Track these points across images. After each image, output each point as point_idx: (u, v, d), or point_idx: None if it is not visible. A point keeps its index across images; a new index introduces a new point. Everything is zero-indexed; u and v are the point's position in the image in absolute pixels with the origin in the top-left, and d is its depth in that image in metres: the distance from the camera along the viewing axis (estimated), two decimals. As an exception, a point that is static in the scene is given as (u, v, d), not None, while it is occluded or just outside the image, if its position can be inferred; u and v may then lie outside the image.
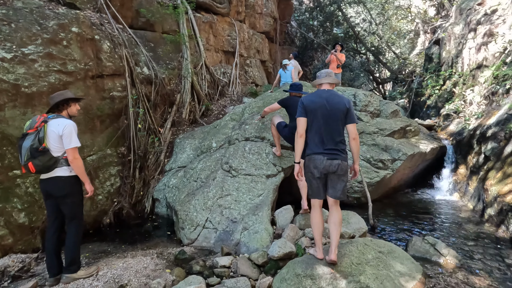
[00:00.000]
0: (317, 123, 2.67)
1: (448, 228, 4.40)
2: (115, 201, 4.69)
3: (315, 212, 2.69)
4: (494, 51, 7.00)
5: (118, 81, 4.99)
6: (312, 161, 2.64)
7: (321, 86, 2.83)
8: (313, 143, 2.68)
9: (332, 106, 2.65)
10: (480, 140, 5.58)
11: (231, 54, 9.94)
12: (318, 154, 2.62)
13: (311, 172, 2.64)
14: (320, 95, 2.72)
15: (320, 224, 2.69)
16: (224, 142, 4.86)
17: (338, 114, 2.66)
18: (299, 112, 2.72)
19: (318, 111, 2.65)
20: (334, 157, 2.61)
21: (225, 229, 3.58)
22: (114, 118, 4.91)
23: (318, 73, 2.87)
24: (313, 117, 2.67)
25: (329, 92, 2.75)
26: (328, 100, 2.67)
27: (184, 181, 4.60)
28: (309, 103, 2.69)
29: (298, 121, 2.72)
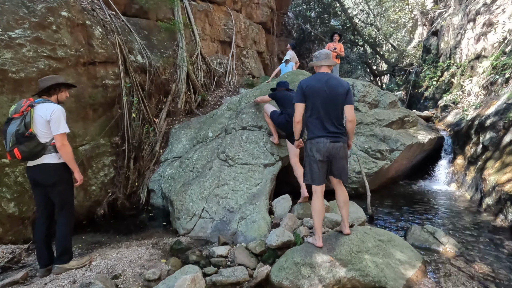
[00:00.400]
0: (317, 107, 2.62)
1: (446, 218, 4.38)
2: (109, 192, 4.59)
3: (317, 199, 2.64)
4: (493, 41, 6.94)
5: (111, 69, 4.84)
6: (315, 144, 2.60)
7: (320, 68, 2.76)
8: (315, 127, 2.64)
9: (332, 90, 2.62)
10: (479, 130, 5.55)
11: (227, 44, 9.76)
12: (321, 137, 2.59)
13: (313, 155, 2.60)
14: (319, 79, 2.66)
15: (321, 211, 2.64)
16: (221, 131, 4.77)
17: (338, 98, 2.64)
18: (298, 97, 2.67)
19: (319, 96, 2.61)
20: (336, 140, 2.60)
21: (222, 219, 3.51)
22: (107, 107, 4.77)
23: (316, 54, 2.77)
24: (313, 102, 2.63)
25: (328, 76, 2.69)
26: (328, 84, 2.63)
27: (180, 171, 4.51)
28: (309, 87, 2.63)
29: (296, 107, 2.68)
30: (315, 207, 2.63)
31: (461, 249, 3.15)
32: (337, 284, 2.40)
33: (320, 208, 2.62)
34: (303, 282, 2.38)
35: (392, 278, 2.42)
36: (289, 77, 4.85)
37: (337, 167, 2.66)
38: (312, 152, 2.61)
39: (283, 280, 2.43)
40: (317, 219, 2.63)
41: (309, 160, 2.66)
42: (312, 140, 2.64)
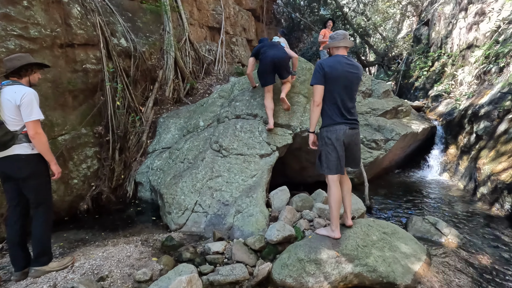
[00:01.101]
0: (338, 91, 2.49)
1: (442, 208, 4.35)
2: (92, 185, 4.28)
3: (335, 188, 2.51)
4: (485, 30, 6.91)
5: (92, 52, 4.45)
6: (333, 132, 2.47)
7: (337, 50, 2.59)
8: (333, 113, 2.51)
9: (351, 75, 2.52)
10: (472, 120, 5.54)
11: (217, 31, 9.36)
12: (340, 124, 2.48)
13: (332, 144, 2.46)
14: (340, 61, 2.52)
15: (340, 201, 2.54)
16: (213, 120, 4.51)
17: (356, 83, 2.56)
18: (317, 78, 2.50)
19: (340, 79, 2.47)
20: (354, 126, 2.54)
21: (217, 213, 3.31)
22: (89, 94, 4.40)
23: (333, 34, 2.60)
24: (333, 85, 2.48)
25: (348, 59, 2.57)
26: (348, 68, 2.51)
27: (170, 162, 4.24)
28: (331, 70, 2.47)
29: (316, 89, 2.51)
30: (333, 198, 2.50)
31: (463, 240, 3.09)
32: (343, 280, 2.26)
33: (339, 197, 2.52)
34: (307, 280, 2.23)
35: (400, 273, 2.30)
36: (284, 63, 4.61)
37: (353, 155, 2.60)
38: (331, 140, 2.47)
39: (286, 278, 2.26)
40: (335, 208, 2.50)
41: (326, 148, 2.51)
42: (330, 127, 2.50)
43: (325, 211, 3.15)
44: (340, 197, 2.50)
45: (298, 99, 4.09)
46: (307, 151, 4.12)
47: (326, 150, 2.52)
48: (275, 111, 3.93)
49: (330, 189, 2.51)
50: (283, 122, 3.86)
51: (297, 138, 3.86)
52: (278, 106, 3.97)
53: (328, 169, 2.51)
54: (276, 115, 3.92)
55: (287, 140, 3.75)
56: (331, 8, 16.79)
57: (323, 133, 2.56)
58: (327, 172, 2.52)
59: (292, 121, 3.87)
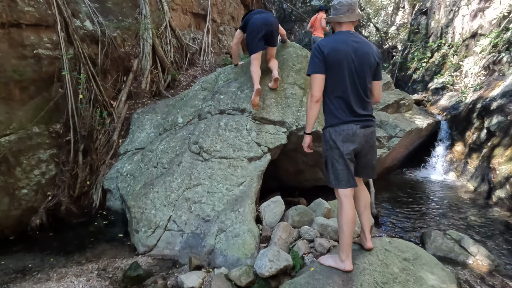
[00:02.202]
0: (343, 80, 1.87)
1: (455, 215, 3.83)
2: (48, 195, 3.58)
3: (348, 206, 1.90)
4: (491, 17, 6.41)
5: (47, 35, 3.71)
6: (340, 133, 1.87)
7: (341, 26, 1.96)
8: (339, 108, 1.90)
9: (361, 57, 1.88)
10: (482, 114, 5.04)
11: (202, 18, 8.60)
12: (348, 123, 1.88)
13: (338, 148, 1.86)
14: (345, 40, 1.89)
15: (354, 223, 1.91)
16: (193, 116, 3.85)
17: (368, 68, 1.91)
18: (315, 65, 1.89)
19: (344, 64, 1.86)
20: (367, 124, 1.93)
21: (195, 232, 2.68)
22: (43, 85, 3.68)
23: (335, 4, 1.94)
24: (337, 73, 1.87)
25: (356, 36, 1.93)
26: (356, 49, 1.88)
27: (142, 167, 3.58)
28: (332, 52, 1.85)
29: (314, 79, 1.90)
30: (346, 217, 1.89)
31: (495, 261, 2.55)
32: (359, 333, 1.68)
33: (353, 217, 1.90)
34: (311, 335, 1.64)
35: (433, 320, 1.73)
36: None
37: (366, 160, 2.00)
38: (337, 143, 1.88)
39: (282, 332, 1.67)
40: (347, 232, 1.89)
41: (332, 155, 1.92)
42: (336, 128, 1.89)
43: (328, 228, 2.57)
44: (354, 218, 1.90)
45: (293, 91, 3.47)
46: (305, 152, 3.50)
47: (332, 156, 1.92)
48: (266, 105, 3.31)
49: (341, 207, 1.91)
50: (276, 118, 3.24)
51: (293, 137, 3.25)
52: (270, 100, 3.34)
53: (337, 181, 1.91)
54: (268, 110, 3.30)
55: (281, 140, 3.14)
56: (323, -2, 16.14)
57: (326, 135, 1.96)
58: (335, 185, 1.93)
59: (287, 117, 3.25)
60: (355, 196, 2.01)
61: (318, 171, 3.79)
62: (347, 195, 1.89)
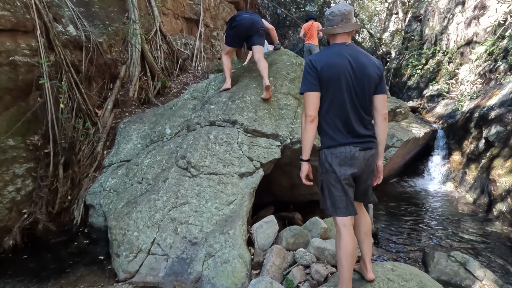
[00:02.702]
0: (339, 97, 1.69)
1: (455, 230, 3.69)
2: (24, 213, 3.32)
3: (347, 236, 1.71)
4: (486, 25, 6.38)
5: (25, 41, 3.47)
6: (337, 156, 1.70)
7: (335, 38, 1.78)
8: (335, 129, 1.72)
9: (359, 70, 1.70)
10: (480, 124, 4.94)
11: (194, 23, 8.43)
12: (345, 146, 1.70)
13: (335, 172, 1.68)
14: (340, 53, 1.71)
15: (354, 255, 1.71)
16: (182, 127, 3.64)
17: (368, 83, 1.71)
18: (308, 82, 1.71)
19: (341, 79, 1.68)
20: (368, 146, 1.74)
21: (181, 256, 2.46)
22: (20, 95, 3.43)
23: (328, 15, 1.77)
24: (333, 88, 1.69)
25: (352, 49, 1.74)
26: (353, 62, 1.70)
27: (126, 181, 3.35)
28: (327, 67, 1.68)
29: (307, 98, 1.72)
30: (344, 250, 1.69)
31: (503, 287, 2.39)
32: None
33: (352, 249, 1.69)
34: None
35: None
36: (269, 57, 3.81)
37: (366, 186, 1.81)
38: (333, 167, 1.69)
39: None
40: (346, 266, 1.69)
41: (328, 179, 1.74)
42: (332, 150, 1.72)
43: (325, 251, 2.38)
44: (355, 250, 1.71)
45: (287, 101, 3.29)
46: (299, 166, 3.32)
47: (328, 180, 1.73)
48: (259, 117, 3.13)
49: (339, 237, 1.72)
50: (269, 131, 3.06)
51: (287, 151, 3.06)
52: (263, 111, 3.16)
53: (334, 209, 1.72)
54: (260, 122, 3.11)
55: (274, 155, 2.95)
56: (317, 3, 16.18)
57: (322, 157, 1.77)
58: (332, 212, 1.74)
59: (280, 130, 3.07)
60: (355, 223, 1.83)
61: (313, 186, 3.60)
62: (346, 224, 1.70)
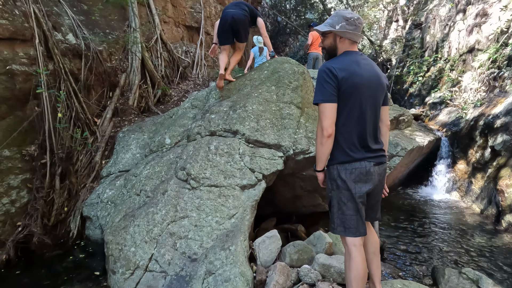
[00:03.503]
0: (358, 109, 1.61)
1: (464, 242, 3.57)
2: (18, 226, 3.21)
3: (358, 258, 1.61)
4: (488, 32, 6.34)
5: (23, 50, 3.43)
6: (352, 172, 1.61)
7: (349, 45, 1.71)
8: (350, 143, 1.63)
9: (374, 81, 1.64)
10: (486, 132, 4.85)
11: (195, 31, 8.44)
12: (360, 161, 1.61)
13: (348, 189, 1.60)
14: (358, 62, 1.63)
15: (365, 278, 1.63)
16: (182, 137, 3.56)
17: (381, 94, 1.69)
18: (325, 91, 1.58)
19: (361, 90, 1.60)
20: (381, 160, 1.69)
21: (179, 273, 2.35)
22: (17, 104, 3.37)
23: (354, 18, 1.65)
24: (353, 99, 1.60)
25: (365, 58, 1.70)
26: (369, 72, 1.64)
27: (124, 193, 3.25)
28: (348, 76, 1.58)
29: (324, 110, 1.58)
30: (355, 271, 1.60)
31: (519, 306, 2.27)
32: None
33: (364, 272, 1.61)
34: None
35: None
36: (271, 66, 3.75)
37: (376, 202, 1.76)
38: (347, 184, 1.60)
39: None
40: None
41: (339, 196, 1.65)
42: (347, 165, 1.62)
43: (331, 268, 2.26)
44: (365, 271, 1.61)
45: (290, 111, 3.21)
46: (302, 177, 3.24)
47: (339, 198, 1.64)
48: (261, 126, 3.05)
49: (349, 258, 1.62)
50: (271, 141, 2.97)
51: (290, 162, 2.97)
52: (265, 121, 3.08)
53: (343, 228, 1.63)
54: (262, 132, 3.02)
55: (277, 166, 2.86)
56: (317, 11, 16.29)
57: (333, 172, 1.67)
58: (341, 232, 1.64)
59: (283, 140, 2.98)
60: (364, 243, 1.73)
61: (316, 197, 3.51)
62: (356, 245, 1.60)
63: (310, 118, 3.27)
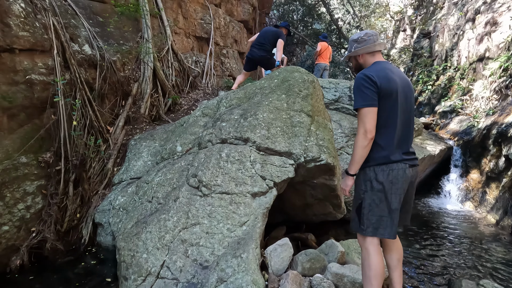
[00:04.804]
0: (395, 112, 1.71)
1: (479, 253, 3.47)
2: (33, 231, 3.27)
3: (376, 255, 1.67)
4: (498, 41, 6.31)
5: (41, 60, 3.55)
6: (389, 173, 1.68)
7: (374, 56, 1.84)
8: (389, 144, 1.70)
9: (408, 87, 1.78)
10: (499, 141, 4.77)
11: (205, 41, 8.62)
12: (398, 162, 1.69)
13: (383, 191, 1.66)
14: (390, 69, 1.75)
15: (383, 276, 1.68)
16: (193, 145, 3.60)
17: (412, 100, 1.81)
18: (367, 96, 1.67)
19: (397, 94, 1.70)
20: (415, 163, 1.79)
21: (191, 281, 2.34)
22: (34, 112, 3.48)
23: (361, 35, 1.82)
24: (391, 103, 1.70)
25: (394, 66, 1.84)
26: (401, 78, 1.77)
27: (136, 200, 3.28)
28: (385, 81, 1.68)
29: (366, 114, 1.66)
30: (375, 270, 1.63)
31: (542, 321, 2.18)
32: None
33: (382, 269, 1.66)
34: None
35: None
36: (280, 75, 3.80)
37: (408, 206, 1.84)
38: (383, 184, 1.64)
39: None
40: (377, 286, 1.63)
41: (373, 197, 1.69)
42: (384, 167, 1.68)
43: (344, 278, 2.23)
44: (383, 269, 1.64)
45: (300, 119, 3.23)
46: (313, 185, 3.22)
47: (372, 199, 1.68)
48: (271, 134, 3.06)
49: (368, 256, 1.65)
50: (282, 149, 2.98)
51: (301, 169, 2.97)
52: (276, 129, 3.10)
53: (373, 229, 1.67)
54: (273, 140, 3.04)
55: (288, 173, 2.86)
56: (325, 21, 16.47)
57: (369, 174, 1.72)
58: (370, 232, 1.68)
59: (294, 148, 2.99)
60: (389, 248, 1.75)
61: (327, 205, 3.48)
62: (375, 244, 1.67)
63: (321, 126, 3.27)
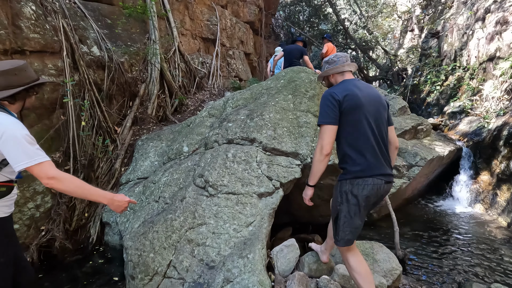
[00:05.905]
0: (364, 127, 1.73)
1: (490, 256, 3.40)
2: (42, 230, 3.31)
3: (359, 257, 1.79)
4: (509, 40, 6.19)
5: (51, 61, 3.61)
6: (364, 187, 1.70)
7: (343, 76, 1.91)
8: (361, 158, 1.72)
9: (376, 101, 1.80)
10: (510, 142, 4.67)
11: (211, 42, 8.66)
12: (373, 177, 1.69)
13: (358, 204, 1.67)
14: (356, 85, 1.80)
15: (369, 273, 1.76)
16: (199, 145, 3.62)
17: (384, 113, 1.83)
18: (326, 114, 1.73)
19: (364, 109, 1.73)
20: (390, 180, 1.79)
21: (197, 281, 2.35)
22: (44, 113, 3.53)
23: (332, 57, 1.91)
24: (357, 118, 1.73)
25: (363, 82, 1.89)
26: (368, 93, 1.80)
27: (143, 199, 3.31)
28: (348, 97, 1.72)
29: (325, 131, 1.73)
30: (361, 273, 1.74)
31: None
32: None
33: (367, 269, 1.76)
34: None
35: None
36: (287, 75, 3.79)
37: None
38: (358, 198, 1.66)
39: None
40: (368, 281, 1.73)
41: (347, 210, 1.73)
42: (360, 181, 1.70)
43: (351, 280, 2.21)
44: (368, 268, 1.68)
45: (307, 119, 3.22)
46: (320, 186, 3.20)
47: (347, 211, 1.73)
48: (278, 135, 3.07)
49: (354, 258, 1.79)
50: (289, 149, 2.97)
51: (307, 170, 2.95)
52: (282, 129, 3.09)
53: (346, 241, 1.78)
54: (279, 140, 3.04)
55: (294, 174, 2.85)
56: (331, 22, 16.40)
57: (345, 187, 1.74)
58: (346, 243, 1.75)
59: (300, 148, 2.98)
60: None
61: (334, 206, 3.45)
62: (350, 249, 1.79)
63: (327, 127, 3.25)
